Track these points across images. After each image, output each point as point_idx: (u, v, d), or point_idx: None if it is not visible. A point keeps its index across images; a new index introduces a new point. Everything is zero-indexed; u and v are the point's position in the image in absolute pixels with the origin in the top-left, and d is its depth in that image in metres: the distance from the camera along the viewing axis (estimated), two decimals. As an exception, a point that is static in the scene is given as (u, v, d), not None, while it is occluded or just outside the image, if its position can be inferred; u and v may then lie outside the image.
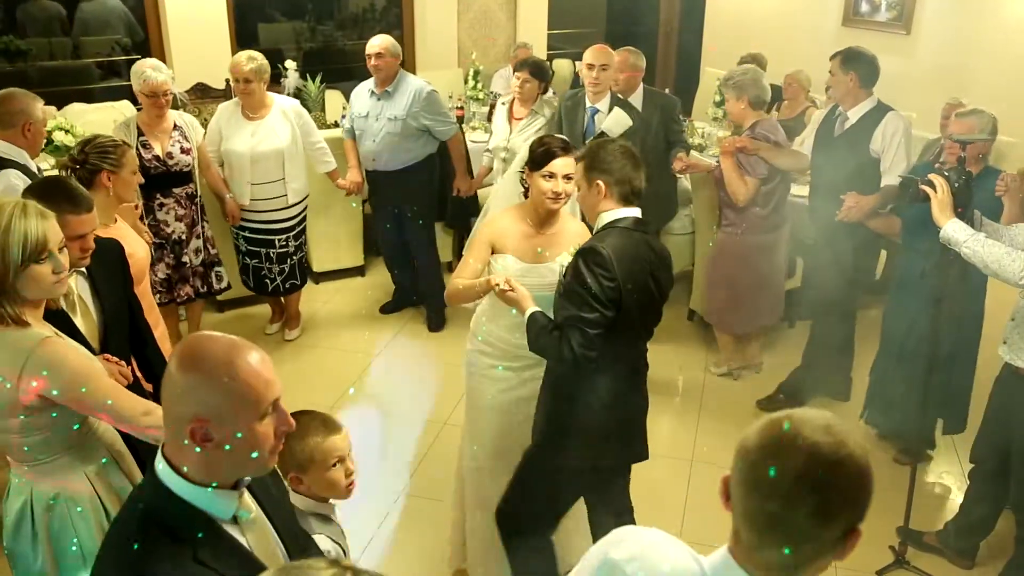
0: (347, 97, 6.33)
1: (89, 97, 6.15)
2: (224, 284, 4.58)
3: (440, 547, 3.27)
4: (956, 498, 3.64)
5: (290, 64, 6.30)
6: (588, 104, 4.43)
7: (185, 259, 4.36)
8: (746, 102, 4.14)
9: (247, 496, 1.48)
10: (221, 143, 4.47)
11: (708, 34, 8.26)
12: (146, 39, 6.37)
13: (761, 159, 4.09)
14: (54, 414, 2.06)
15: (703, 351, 4.84)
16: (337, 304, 5.40)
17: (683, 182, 5.07)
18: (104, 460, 2.24)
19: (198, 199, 4.39)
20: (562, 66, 7.64)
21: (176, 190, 4.25)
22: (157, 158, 4.16)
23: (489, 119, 6.04)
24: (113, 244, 2.65)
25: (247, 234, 4.66)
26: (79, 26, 7.11)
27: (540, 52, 7.48)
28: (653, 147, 4.45)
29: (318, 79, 6.15)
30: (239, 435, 1.36)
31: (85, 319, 2.47)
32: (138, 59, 6.98)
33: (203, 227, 4.44)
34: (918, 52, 6.39)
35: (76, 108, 5.52)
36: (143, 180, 3.33)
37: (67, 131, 4.86)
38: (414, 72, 7.29)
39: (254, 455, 1.39)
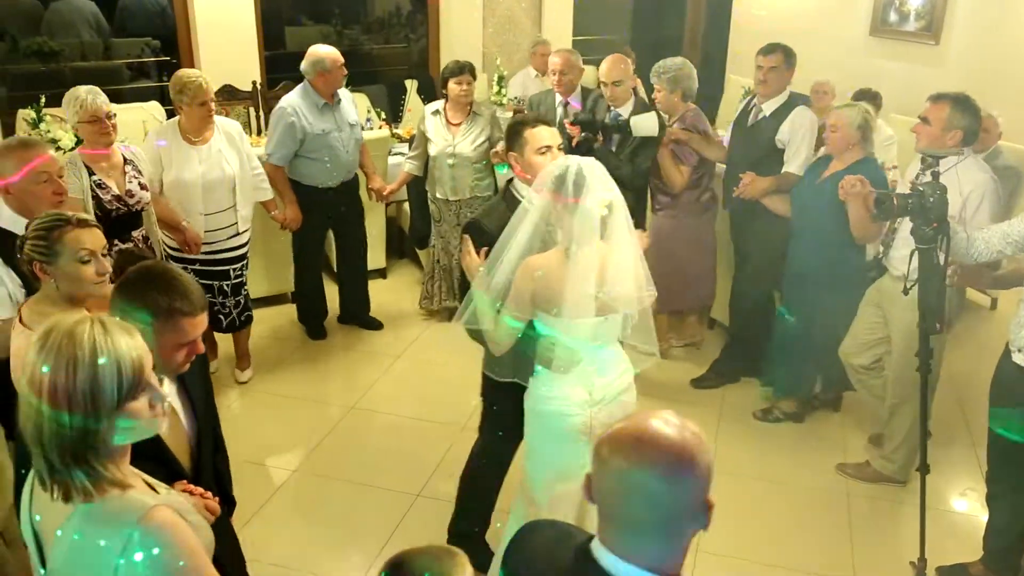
0: (372, 101, 6.39)
1: (119, 98, 6.23)
2: None
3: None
4: (966, 519, 3.60)
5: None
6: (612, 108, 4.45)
7: None
8: (679, 94, 4.37)
9: None
10: (163, 173, 4.04)
11: (733, 41, 8.22)
12: (175, 42, 6.45)
13: (692, 149, 4.32)
14: None
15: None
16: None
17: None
18: None
19: (151, 242, 3.84)
20: (588, 72, 7.63)
21: (135, 233, 3.70)
22: (118, 198, 3.62)
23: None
24: None
25: (197, 267, 4.16)
26: (45, 27, 7.24)
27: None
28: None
29: (344, 82, 6.18)
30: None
31: (174, 433, 2.03)
32: (167, 60, 7.15)
33: None
34: (947, 62, 6.32)
35: (106, 108, 5.57)
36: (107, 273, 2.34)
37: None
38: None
39: None
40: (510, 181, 2.92)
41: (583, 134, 4.07)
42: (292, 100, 4.56)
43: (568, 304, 2.43)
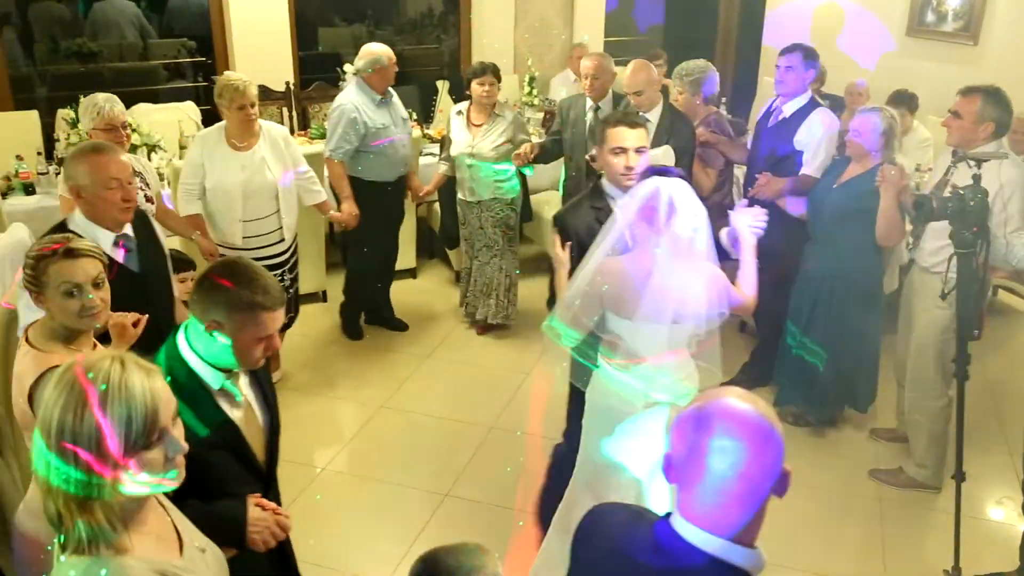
0: (404, 102, 6.41)
1: (156, 98, 6.34)
2: None
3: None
4: (998, 525, 3.54)
5: (348, 68, 6.40)
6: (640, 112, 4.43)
7: None
8: (701, 97, 4.38)
9: None
10: (204, 178, 4.05)
11: (768, 43, 8.14)
12: (211, 42, 6.54)
13: (719, 152, 4.34)
14: None
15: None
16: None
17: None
18: None
19: None
20: (620, 73, 7.61)
21: None
22: None
23: (542, 125, 6.06)
24: None
25: None
26: (89, 28, 7.37)
27: (596, 59, 7.46)
28: None
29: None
30: None
31: (250, 424, 2.04)
32: (203, 61, 7.25)
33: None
34: (985, 63, 6.21)
35: (143, 108, 5.67)
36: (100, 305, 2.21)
37: (133, 129, 4.99)
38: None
39: None
40: (599, 177, 2.99)
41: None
42: (350, 97, 4.62)
43: (641, 308, 2.51)
